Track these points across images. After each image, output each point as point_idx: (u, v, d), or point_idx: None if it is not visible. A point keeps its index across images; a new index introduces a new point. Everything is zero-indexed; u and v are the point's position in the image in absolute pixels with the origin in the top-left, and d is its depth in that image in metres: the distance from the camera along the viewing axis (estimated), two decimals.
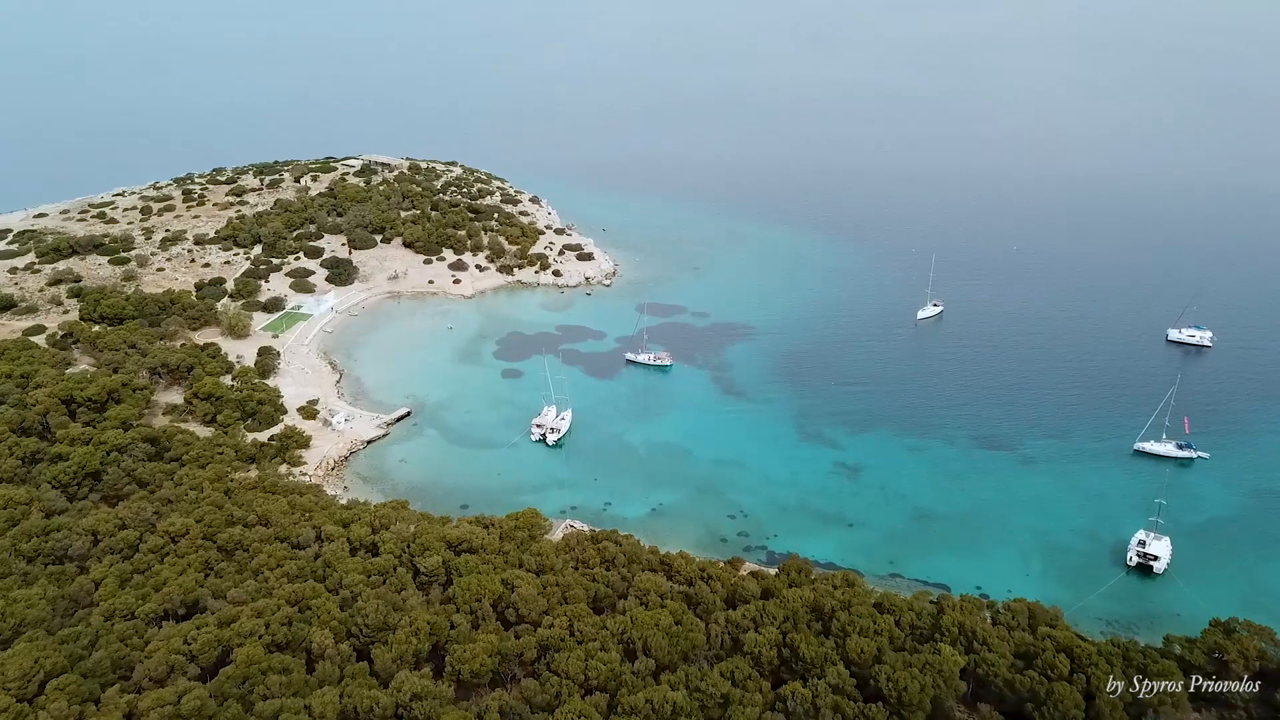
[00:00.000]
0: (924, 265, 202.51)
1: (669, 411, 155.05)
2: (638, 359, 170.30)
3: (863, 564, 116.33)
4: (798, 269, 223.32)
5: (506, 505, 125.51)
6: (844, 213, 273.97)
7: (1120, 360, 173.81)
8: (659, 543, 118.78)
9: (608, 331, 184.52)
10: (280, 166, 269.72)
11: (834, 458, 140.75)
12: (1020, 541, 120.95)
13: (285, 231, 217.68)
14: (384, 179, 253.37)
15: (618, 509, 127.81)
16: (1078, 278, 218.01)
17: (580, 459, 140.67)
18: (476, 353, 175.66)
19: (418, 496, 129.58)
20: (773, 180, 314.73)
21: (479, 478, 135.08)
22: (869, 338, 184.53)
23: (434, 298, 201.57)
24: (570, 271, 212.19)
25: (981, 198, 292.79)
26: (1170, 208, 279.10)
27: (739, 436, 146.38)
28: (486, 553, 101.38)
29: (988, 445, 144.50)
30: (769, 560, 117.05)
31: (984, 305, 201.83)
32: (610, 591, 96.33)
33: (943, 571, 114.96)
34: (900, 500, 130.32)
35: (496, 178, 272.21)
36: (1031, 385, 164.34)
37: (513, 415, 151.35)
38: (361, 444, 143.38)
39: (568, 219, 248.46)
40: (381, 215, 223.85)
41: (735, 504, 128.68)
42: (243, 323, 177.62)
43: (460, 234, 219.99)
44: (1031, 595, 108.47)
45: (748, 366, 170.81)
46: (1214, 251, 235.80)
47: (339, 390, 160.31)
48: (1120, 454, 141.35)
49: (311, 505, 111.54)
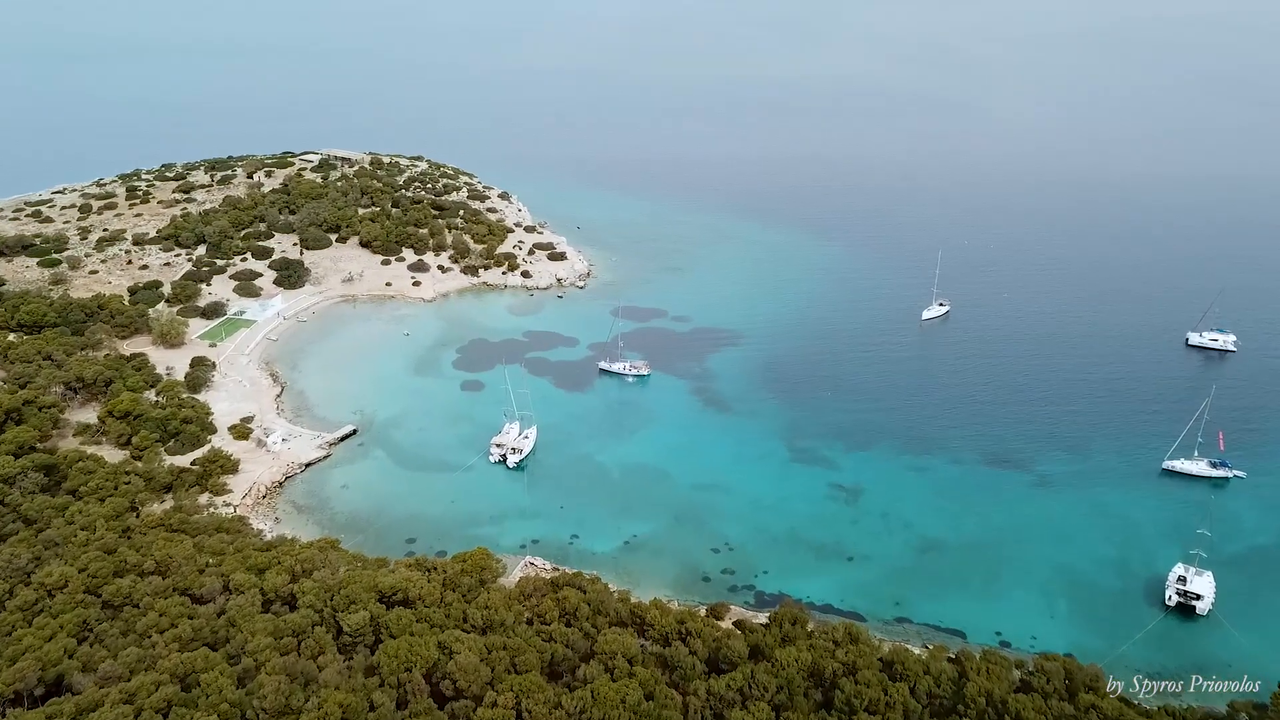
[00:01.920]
0: (929, 263, 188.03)
1: (646, 427, 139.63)
2: (612, 368, 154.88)
3: (865, 606, 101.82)
4: (787, 269, 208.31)
5: (458, 539, 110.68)
6: (837, 209, 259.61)
7: (1138, 366, 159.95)
8: (632, 582, 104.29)
9: (580, 338, 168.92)
10: (234, 162, 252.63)
11: (829, 479, 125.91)
12: (1042, 577, 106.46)
13: (232, 230, 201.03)
14: (343, 174, 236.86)
15: (586, 542, 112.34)
16: (1091, 276, 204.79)
17: (545, 483, 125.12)
18: (434, 362, 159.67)
19: (359, 529, 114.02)
20: (759, 176, 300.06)
21: (430, 506, 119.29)
22: (867, 342, 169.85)
23: (392, 301, 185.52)
24: (540, 272, 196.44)
25: (986, 194, 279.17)
26: (1188, 205, 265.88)
27: (723, 455, 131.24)
28: (425, 604, 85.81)
29: (999, 464, 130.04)
30: (758, 603, 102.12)
31: (993, 304, 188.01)
32: (571, 653, 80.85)
33: (956, 614, 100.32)
34: (904, 529, 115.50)
35: (464, 173, 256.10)
36: (1044, 394, 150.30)
37: (471, 433, 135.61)
38: (299, 467, 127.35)
39: (540, 216, 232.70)
40: (337, 213, 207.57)
41: (719, 535, 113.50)
42: (177, 330, 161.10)
43: (422, 232, 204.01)
44: (1059, 643, 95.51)
45: (733, 376, 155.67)
46: (1236, 250, 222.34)
47: (279, 406, 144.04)
48: (1147, 473, 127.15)
49: (222, 548, 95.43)
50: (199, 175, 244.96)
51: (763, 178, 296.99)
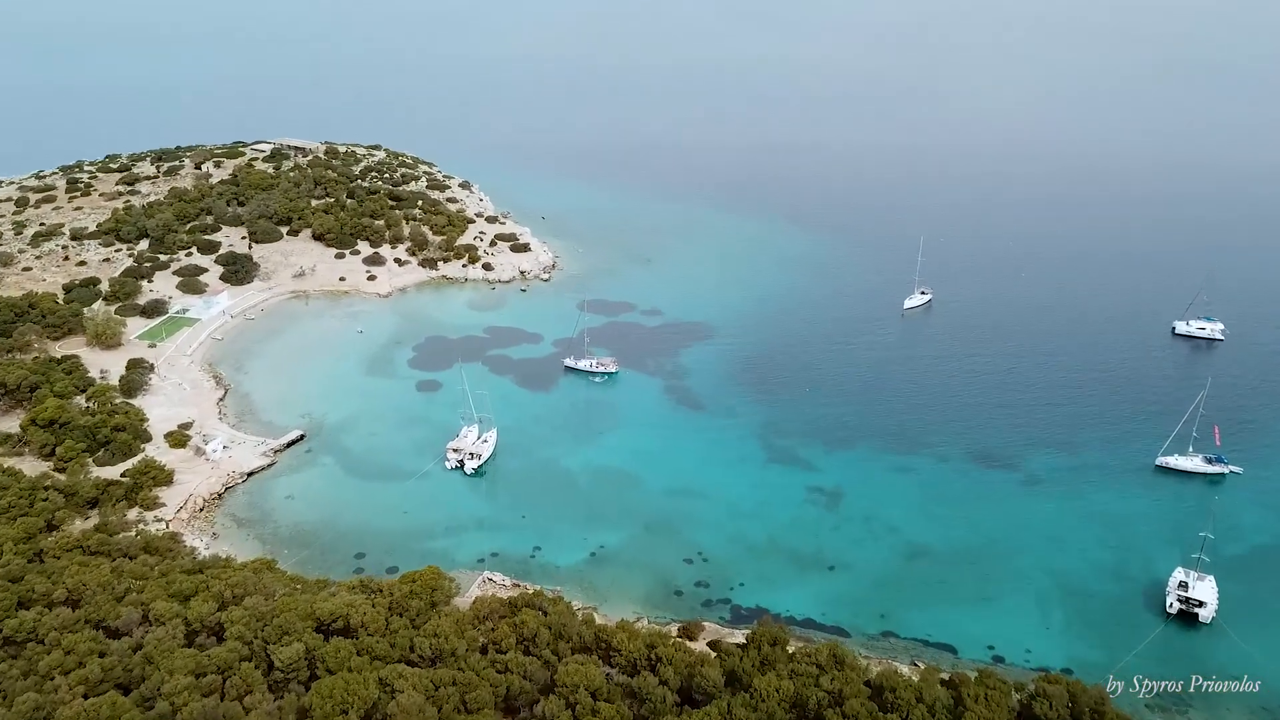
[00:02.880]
0: (910, 251, 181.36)
1: (614, 429, 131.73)
2: (578, 366, 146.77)
3: (849, 620, 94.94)
4: (763, 259, 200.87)
5: (411, 554, 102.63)
6: (814, 198, 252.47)
7: (1124, 357, 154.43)
8: (599, 598, 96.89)
9: (544, 334, 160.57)
10: (182, 152, 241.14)
11: (808, 481, 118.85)
12: (1035, 585, 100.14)
13: (176, 224, 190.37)
14: (295, 164, 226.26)
15: (549, 555, 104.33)
16: (1073, 264, 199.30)
17: (505, 491, 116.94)
18: (389, 361, 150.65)
19: (303, 544, 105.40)
20: (733, 164, 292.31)
21: (381, 517, 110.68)
22: (847, 335, 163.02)
23: (346, 297, 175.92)
24: (503, 265, 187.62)
25: (969, 181, 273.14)
26: (1173, 192, 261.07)
27: (697, 458, 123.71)
28: (368, 633, 77.56)
29: (987, 462, 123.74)
30: (734, 619, 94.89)
31: (975, 294, 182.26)
32: (529, 686, 73.10)
33: (946, 627, 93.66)
34: (889, 534, 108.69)
35: (424, 162, 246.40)
36: (1029, 386, 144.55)
37: (427, 437, 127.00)
38: (241, 477, 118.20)
39: (503, 206, 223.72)
40: (289, 204, 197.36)
41: (692, 544, 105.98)
42: (113, 330, 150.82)
43: (378, 224, 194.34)
44: (1056, 657, 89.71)
45: (706, 373, 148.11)
46: (1224, 236, 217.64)
47: (221, 410, 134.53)
48: (1140, 470, 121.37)
49: (144, 572, 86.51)
50: (145, 167, 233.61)
51: (737, 166, 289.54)
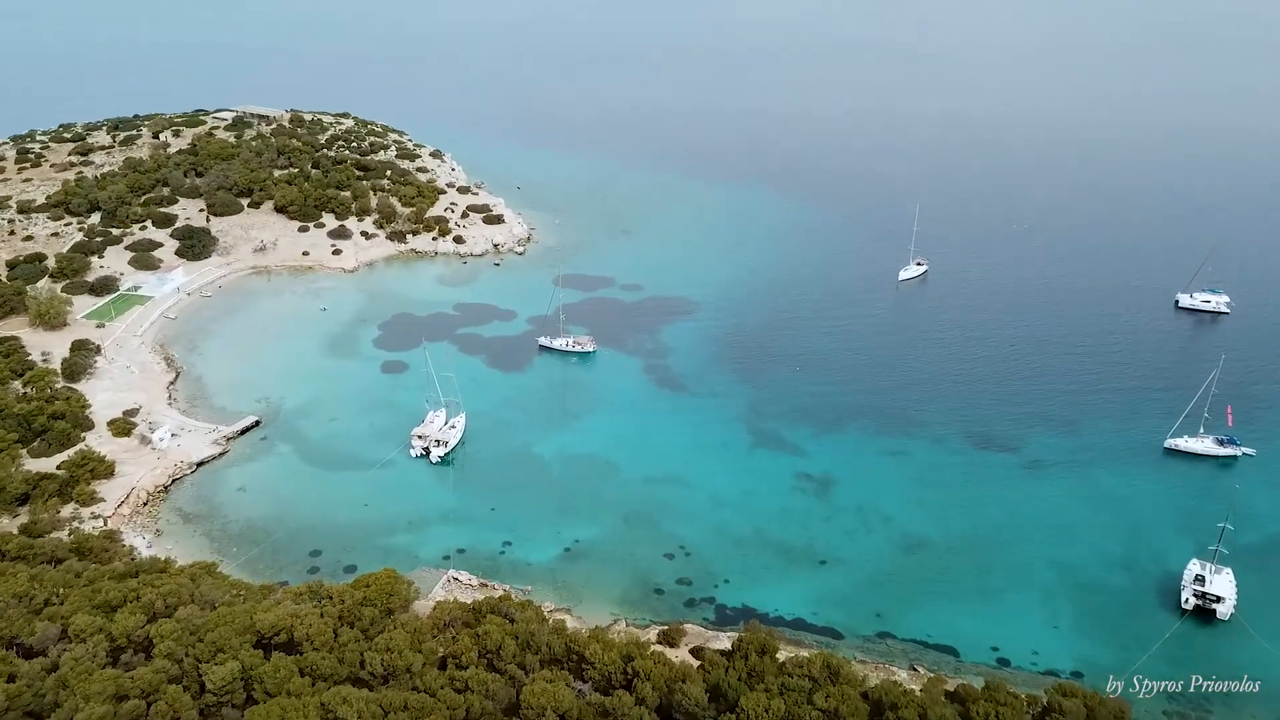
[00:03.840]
0: (905, 220, 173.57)
1: (591, 413, 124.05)
2: (553, 345, 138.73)
3: (842, 620, 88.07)
4: (748, 230, 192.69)
5: (370, 551, 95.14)
6: (803, 165, 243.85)
7: (1126, 332, 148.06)
8: (573, 599, 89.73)
9: (518, 310, 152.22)
10: (140, 121, 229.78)
11: (797, 467, 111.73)
12: (1040, 578, 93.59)
13: (130, 196, 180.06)
14: (258, 133, 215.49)
15: (520, 551, 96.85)
16: (1071, 233, 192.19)
17: (474, 481, 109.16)
18: (353, 340, 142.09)
19: (254, 541, 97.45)
20: (716, 131, 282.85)
21: (339, 511, 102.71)
22: (838, 309, 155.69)
23: (309, 273, 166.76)
24: (475, 237, 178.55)
25: (965, 148, 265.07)
26: (1176, 159, 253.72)
27: (679, 444, 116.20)
28: (314, 647, 69.81)
29: (985, 445, 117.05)
30: (719, 620, 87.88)
31: (973, 264, 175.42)
32: (491, 707, 65.75)
33: (946, 626, 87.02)
34: (883, 525, 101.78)
35: (394, 130, 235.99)
36: (1028, 362, 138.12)
37: (391, 423, 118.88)
38: (189, 467, 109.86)
39: (476, 176, 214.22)
40: (250, 175, 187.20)
41: (674, 538, 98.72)
42: (58, 309, 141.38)
43: (344, 195, 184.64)
44: (1065, 659, 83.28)
45: (689, 351, 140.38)
46: (1229, 206, 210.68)
47: (171, 395, 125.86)
48: (1148, 453, 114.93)
49: (68, 580, 78.35)
50: (100, 136, 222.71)
51: (721, 133, 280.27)
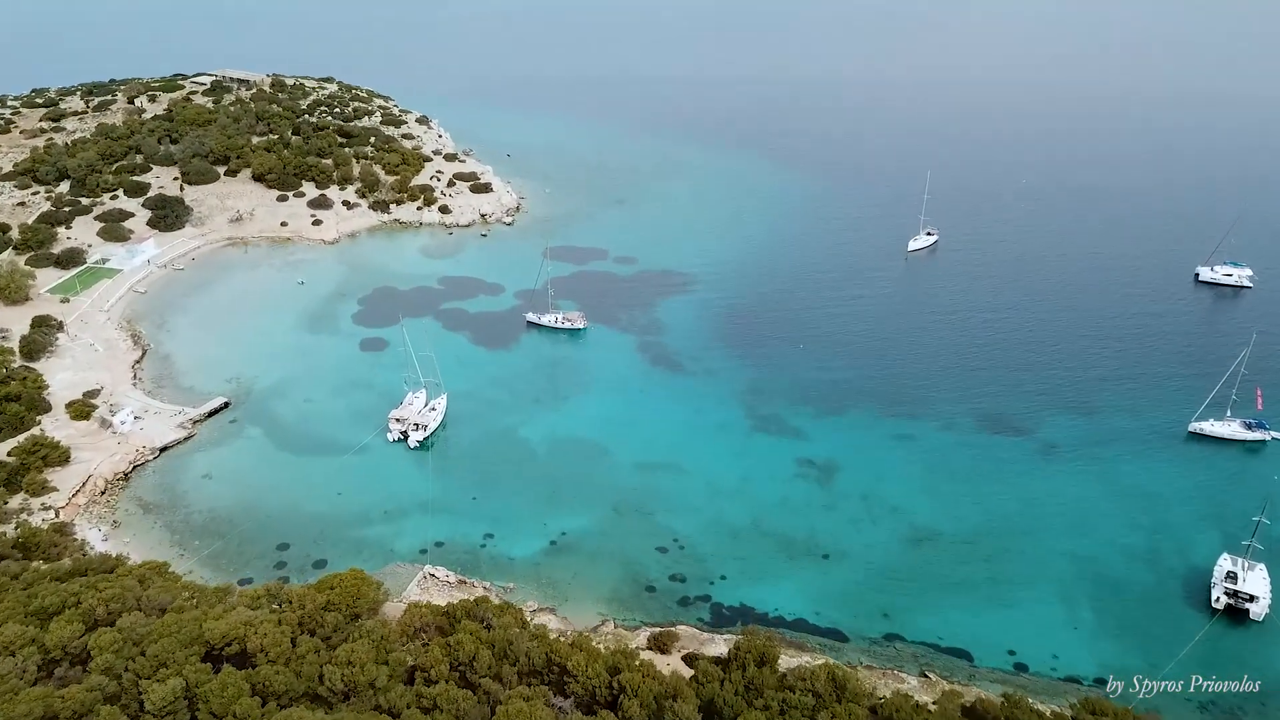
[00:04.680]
0: (915, 188, 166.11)
1: (580, 394, 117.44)
2: (541, 321, 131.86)
3: (846, 620, 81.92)
4: (749, 200, 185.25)
5: (343, 544, 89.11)
6: (807, 133, 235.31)
7: (1144, 307, 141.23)
8: (558, 597, 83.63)
9: (505, 284, 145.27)
10: (115, 86, 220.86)
11: (798, 453, 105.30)
12: (1057, 574, 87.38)
13: (101, 163, 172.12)
14: (237, 98, 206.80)
15: (502, 544, 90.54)
16: (1086, 203, 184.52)
17: (454, 468, 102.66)
18: (331, 316, 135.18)
19: (218, 533, 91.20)
20: (716, 97, 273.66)
21: (310, 500, 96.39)
22: (843, 283, 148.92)
23: (287, 244, 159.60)
24: (461, 207, 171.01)
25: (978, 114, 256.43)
26: (1199, 123, 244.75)
27: (673, 427, 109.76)
28: (269, 659, 63.61)
29: (996, 428, 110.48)
30: (714, 620, 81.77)
31: (984, 234, 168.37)
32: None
33: (958, 628, 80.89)
34: (890, 516, 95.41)
35: (379, 96, 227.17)
36: (1040, 340, 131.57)
37: (369, 404, 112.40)
38: (152, 452, 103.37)
39: (465, 143, 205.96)
40: (227, 141, 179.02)
41: (667, 529, 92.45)
42: (19, 283, 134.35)
43: (325, 163, 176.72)
44: (1087, 664, 77.22)
45: (685, 328, 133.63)
46: (1253, 175, 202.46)
47: (136, 374, 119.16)
48: (1170, 437, 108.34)
49: (5, 582, 71.88)
50: (74, 101, 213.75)
51: (720, 100, 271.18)
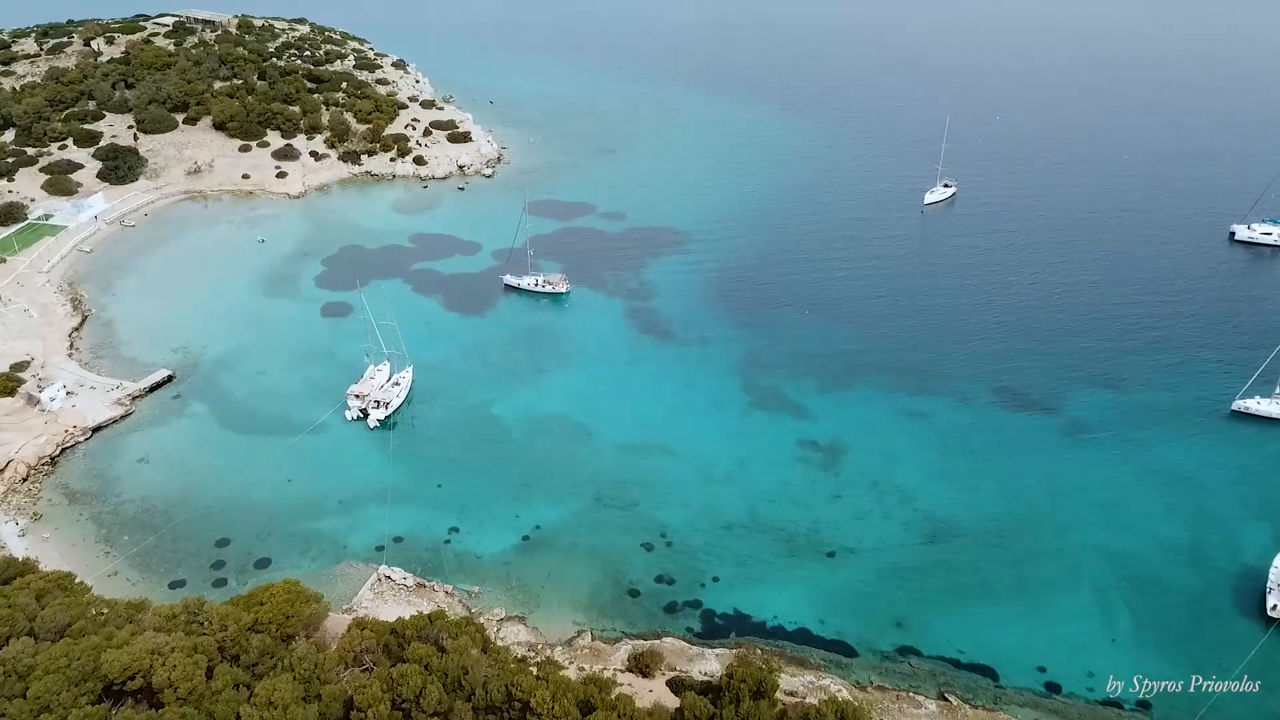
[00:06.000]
0: (933, 136, 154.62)
1: (561, 366, 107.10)
2: (520, 284, 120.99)
3: (855, 630, 72.51)
4: (749, 151, 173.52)
5: (289, 540, 79.69)
6: (813, 78, 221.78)
7: (1176, 268, 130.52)
8: (529, 603, 74.34)
9: (482, 242, 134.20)
10: (72, 28, 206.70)
11: (800, 432, 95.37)
12: (1090, 574, 77.92)
13: (49, 110, 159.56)
14: (200, 40, 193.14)
15: (469, 539, 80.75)
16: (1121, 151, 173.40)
17: (419, 450, 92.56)
18: (291, 278, 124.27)
19: (151, 526, 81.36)
20: (715, 40, 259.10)
21: (257, 487, 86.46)
22: (853, 240, 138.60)
23: (249, 198, 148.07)
24: (438, 158, 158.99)
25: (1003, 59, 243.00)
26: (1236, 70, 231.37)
27: (663, 403, 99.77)
28: (178, 695, 54.04)
29: (1018, 404, 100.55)
30: (705, 630, 72.39)
31: (1005, 185, 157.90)
32: None
33: (980, 640, 71.53)
34: (902, 505, 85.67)
35: (354, 38, 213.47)
36: (1064, 303, 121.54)
37: (328, 377, 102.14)
38: (84, 433, 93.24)
39: (446, 90, 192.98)
40: (186, 86, 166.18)
41: (654, 522, 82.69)
42: None
43: (292, 110, 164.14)
44: (1129, 682, 67.71)
45: (678, 291, 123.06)
46: None
47: (73, 343, 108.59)
48: (1210, 414, 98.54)
49: None
50: (28, 44, 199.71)
51: (720, 42, 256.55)
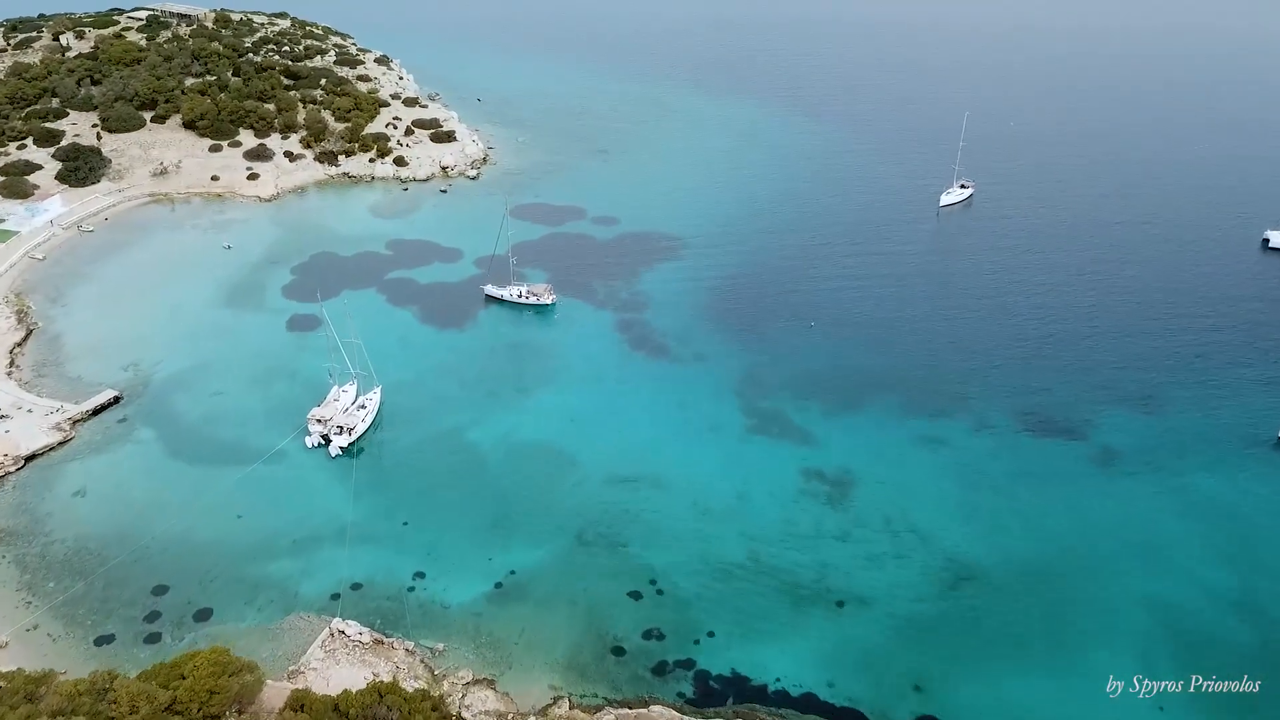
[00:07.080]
0: (949, 137, 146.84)
1: (544, 385, 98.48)
2: (502, 295, 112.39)
3: (869, 696, 64.34)
4: (751, 153, 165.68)
5: (235, 587, 71.42)
6: (821, 78, 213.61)
7: (1208, 277, 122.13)
8: (501, 664, 66.59)
9: (464, 249, 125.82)
10: (42, 22, 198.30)
11: (804, 461, 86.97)
12: (1132, 628, 69.60)
13: (9, 108, 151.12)
14: (174, 34, 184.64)
15: (435, 586, 72.12)
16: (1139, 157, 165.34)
17: (385, 481, 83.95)
18: (258, 288, 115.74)
19: (82, 571, 72.89)
20: (716, 38, 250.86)
21: (203, 524, 77.86)
22: (862, 247, 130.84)
23: (218, 201, 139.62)
24: (420, 159, 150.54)
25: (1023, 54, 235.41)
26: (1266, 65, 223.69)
27: (655, 428, 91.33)
28: None
29: (1044, 429, 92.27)
30: (699, 697, 64.18)
31: (1026, 187, 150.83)
32: None
33: (1011, 708, 63.24)
34: (919, 546, 77.18)
35: (336, 33, 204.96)
36: (1092, 314, 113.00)
37: (291, 398, 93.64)
38: (15, 462, 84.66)
39: (431, 87, 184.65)
40: (155, 83, 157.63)
41: (642, 567, 74.17)
42: None
43: (267, 108, 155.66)
44: None
45: (673, 303, 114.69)
46: None
47: (14, 360, 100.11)
48: (1256, 442, 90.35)
49: None
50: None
51: (721, 40, 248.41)
